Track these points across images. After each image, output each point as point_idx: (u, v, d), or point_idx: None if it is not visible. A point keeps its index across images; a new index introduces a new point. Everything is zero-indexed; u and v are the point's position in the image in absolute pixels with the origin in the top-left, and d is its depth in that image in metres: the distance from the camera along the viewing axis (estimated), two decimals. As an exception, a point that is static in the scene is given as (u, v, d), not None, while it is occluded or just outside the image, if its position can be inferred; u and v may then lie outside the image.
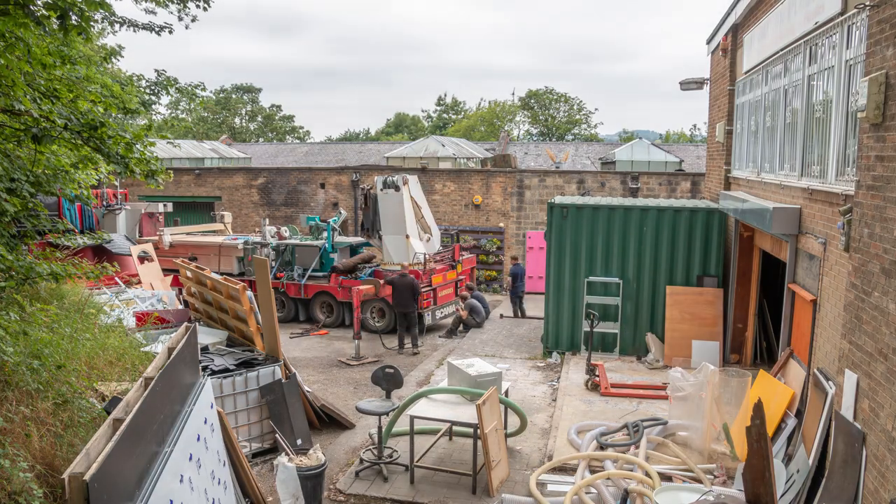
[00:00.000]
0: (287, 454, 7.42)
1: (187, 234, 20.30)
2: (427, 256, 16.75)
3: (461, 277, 18.13)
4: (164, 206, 19.62)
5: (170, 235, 18.55)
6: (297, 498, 6.94)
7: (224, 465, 6.23)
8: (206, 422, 5.87)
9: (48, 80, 6.22)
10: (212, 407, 6.30)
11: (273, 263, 17.76)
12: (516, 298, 18.60)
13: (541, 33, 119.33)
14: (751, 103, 12.19)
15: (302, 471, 7.17)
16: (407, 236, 16.94)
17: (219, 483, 5.81)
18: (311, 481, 7.25)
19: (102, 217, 17.77)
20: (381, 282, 15.48)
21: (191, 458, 5.21)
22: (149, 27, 8.55)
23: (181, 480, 4.88)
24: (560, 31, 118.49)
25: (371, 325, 16.54)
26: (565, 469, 8.49)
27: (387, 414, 8.56)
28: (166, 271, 16.59)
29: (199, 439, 5.52)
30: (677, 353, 12.74)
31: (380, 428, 8.59)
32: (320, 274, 17.64)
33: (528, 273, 22.40)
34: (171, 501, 4.60)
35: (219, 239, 19.39)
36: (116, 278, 13.34)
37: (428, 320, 16.54)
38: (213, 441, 6.01)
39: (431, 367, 13.40)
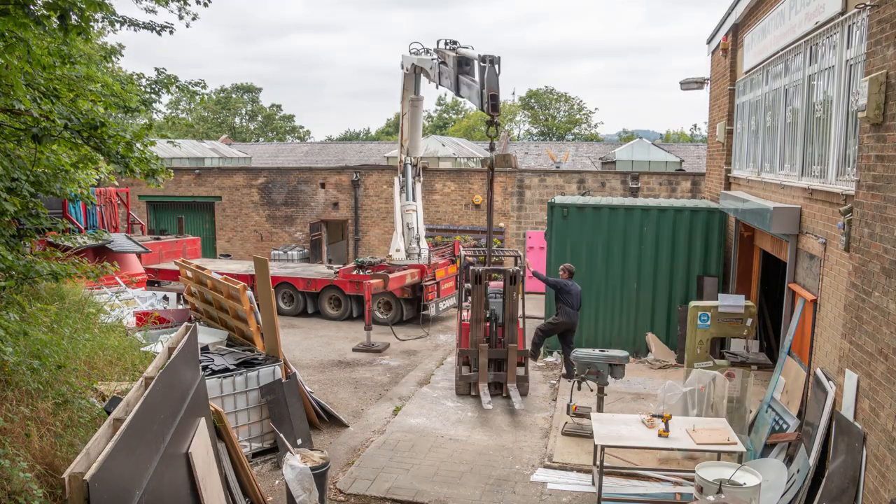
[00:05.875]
0: (293, 452, 7.42)
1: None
2: (430, 251, 17.30)
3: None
4: None
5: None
6: (311, 491, 6.95)
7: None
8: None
9: (48, 80, 6.21)
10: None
11: None
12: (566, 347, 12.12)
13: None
14: (751, 103, 12.18)
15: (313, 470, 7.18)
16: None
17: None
18: (318, 479, 7.26)
19: None
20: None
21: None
22: (149, 26, 8.55)
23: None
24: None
25: (378, 317, 17.05)
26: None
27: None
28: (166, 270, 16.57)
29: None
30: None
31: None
32: None
33: (529, 273, 22.34)
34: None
35: None
36: (117, 278, 13.34)
37: (432, 312, 17.01)
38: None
39: (431, 366, 13.40)
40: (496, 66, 10.91)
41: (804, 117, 8.92)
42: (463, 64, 12.19)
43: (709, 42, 15.80)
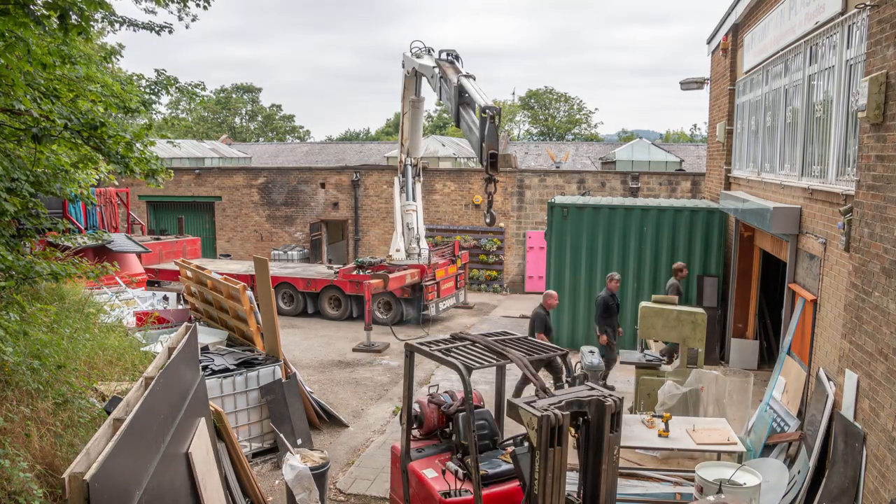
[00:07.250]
0: (293, 452, 7.42)
1: None
2: (430, 251, 17.40)
3: (460, 271, 18.65)
4: None
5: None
6: (311, 491, 6.95)
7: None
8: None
9: (48, 80, 6.20)
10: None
11: None
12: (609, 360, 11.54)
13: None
14: (751, 103, 12.18)
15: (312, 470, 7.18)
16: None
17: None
18: (318, 479, 7.26)
19: None
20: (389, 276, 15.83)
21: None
22: (148, 27, 8.53)
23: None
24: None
25: (378, 317, 17.11)
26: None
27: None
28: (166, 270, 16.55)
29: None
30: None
31: None
32: None
33: (529, 273, 22.36)
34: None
35: None
36: (117, 278, 13.33)
37: (432, 312, 17.07)
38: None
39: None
40: (496, 120, 10.77)
41: (804, 117, 8.92)
42: (462, 93, 12.11)
43: (709, 42, 15.79)
